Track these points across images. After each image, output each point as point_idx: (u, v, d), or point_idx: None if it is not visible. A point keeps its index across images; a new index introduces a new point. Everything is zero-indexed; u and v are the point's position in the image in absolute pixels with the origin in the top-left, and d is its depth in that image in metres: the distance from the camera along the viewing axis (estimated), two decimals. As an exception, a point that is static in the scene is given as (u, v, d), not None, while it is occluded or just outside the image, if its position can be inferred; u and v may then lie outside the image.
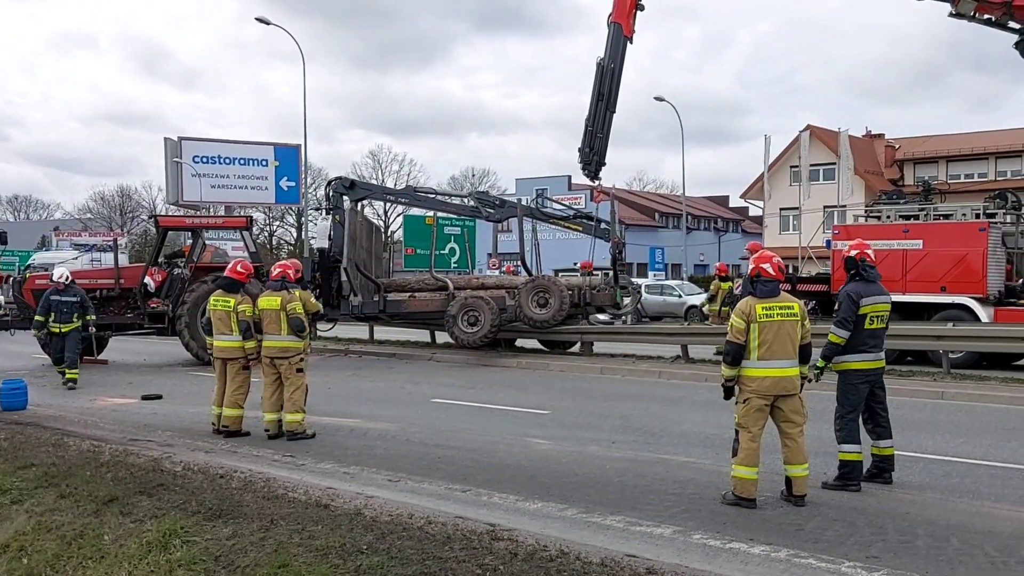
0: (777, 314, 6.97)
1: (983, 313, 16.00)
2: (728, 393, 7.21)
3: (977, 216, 17.05)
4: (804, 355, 7.13)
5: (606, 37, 18.72)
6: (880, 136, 53.76)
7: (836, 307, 7.64)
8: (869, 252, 7.77)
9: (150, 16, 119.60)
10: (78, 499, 7.23)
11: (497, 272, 27.57)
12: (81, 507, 7.03)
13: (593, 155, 18.71)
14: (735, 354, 7.01)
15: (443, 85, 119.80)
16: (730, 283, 18.73)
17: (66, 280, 15.49)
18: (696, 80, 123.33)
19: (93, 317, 15.81)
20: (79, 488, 7.50)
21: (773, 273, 7.10)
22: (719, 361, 15.90)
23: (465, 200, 22.04)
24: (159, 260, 19.70)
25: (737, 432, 7.06)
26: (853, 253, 7.72)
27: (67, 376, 14.80)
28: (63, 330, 15.17)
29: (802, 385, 7.13)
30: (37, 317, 15.43)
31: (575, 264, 26.84)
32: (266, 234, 70.31)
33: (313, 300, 10.95)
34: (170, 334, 18.54)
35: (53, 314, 15.18)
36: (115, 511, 6.87)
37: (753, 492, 6.93)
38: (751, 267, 7.25)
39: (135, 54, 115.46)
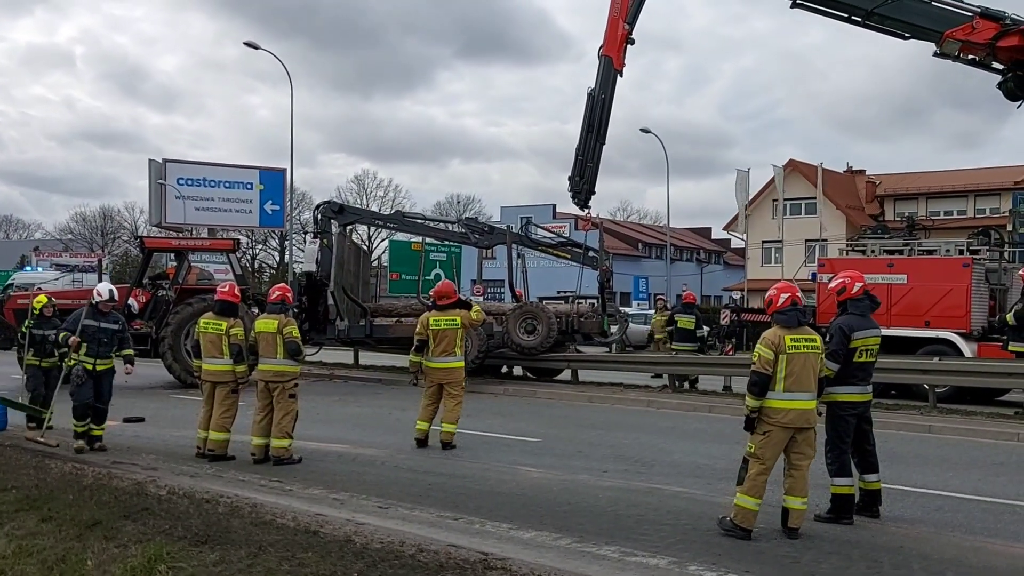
0: (804, 346, 6.95)
1: (966, 348, 16.09)
2: (750, 424, 7.03)
3: (961, 252, 17.20)
4: (820, 388, 7.12)
5: (597, 68, 18.84)
6: (861, 172, 54.43)
7: (827, 339, 7.63)
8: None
9: (123, 35, 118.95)
10: (60, 523, 7.06)
11: (481, 299, 27.52)
12: (63, 531, 6.86)
13: (583, 184, 18.77)
14: (763, 384, 6.88)
15: (426, 111, 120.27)
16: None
17: (110, 299, 11.05)
18: (678, 111, 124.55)
19: (132, 352, 11.44)
20: (61, 511, 7.33)
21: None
22: (703, 391, 15.73)
23: (453, 226, 22.06)
24: (143, 281, 19.53)
25: (746, 461, 6.98)
26: (857, 287, 7.71)
27: (93, 433, 10.79)
28: (99, 368, 10.76)
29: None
30: (73, 354, 10.61)
31: (558, 292, 26.91)
32: (248, 257, 70.02)
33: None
34: (153, 356, 18.33)
35: (87, 345, 10.64)
36: (98, 535, 6.71)
37: (752, 523, 6.88)
38: (783, 297, 7.09)
39: (111, 73, 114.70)
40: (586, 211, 19.32)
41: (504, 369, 20.17)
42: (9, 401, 12.04)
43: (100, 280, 19.68)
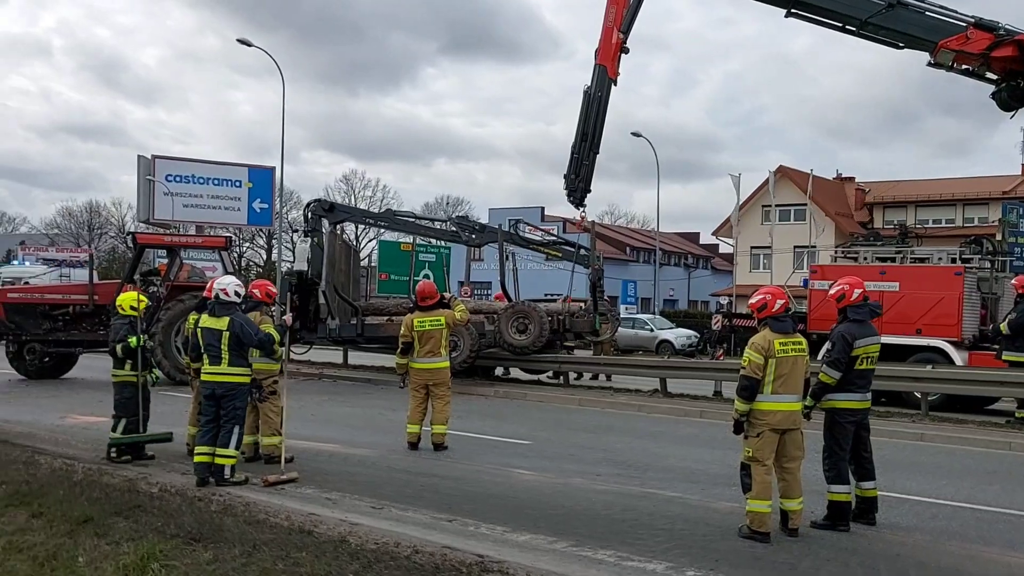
0: (792, 349, 7.04)
1: (957, 357, 16.12)
2: (738, 428, 7.13)
3: (953, 260, 17.25)
4: (805, 389, 7.19)
5: (591, 74, 18.80)
6: (851, 179, 54.71)
7: (829, 347, 7.62)
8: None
9: (101, 26, 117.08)
10: (51, 519, 6.99)
11: (471, 300, 27.47)
12: (54, 527, 6.79)
13: (579, 182, 18.74)
14: (752, 389, 6.98)
15: (410, 108, 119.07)
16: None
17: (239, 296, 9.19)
18: (666, 114, 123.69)
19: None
20: (52, 508, 7.26)
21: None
22: (694, 396, 15.62)
23: (444, 224, 21.99)
24: (134, 277, 19.36)
25: (745, 467, 7.03)
26: (857, 293, 7.69)
27: (221, 459, 8.61)
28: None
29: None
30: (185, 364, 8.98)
31: (546, 295, 26.88)
32: (236, 256, 69.68)
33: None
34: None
35: (208, 356, 8.83)
36: (90, 532, 6.64)
37: (769, 525, 6.94)
38: (778, 303, 7.19)
39: (90, 65, 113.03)
40: (581, 210, 19.28)
41: (499, 371, 20.14)
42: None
43: (91, 276, 19.47)
